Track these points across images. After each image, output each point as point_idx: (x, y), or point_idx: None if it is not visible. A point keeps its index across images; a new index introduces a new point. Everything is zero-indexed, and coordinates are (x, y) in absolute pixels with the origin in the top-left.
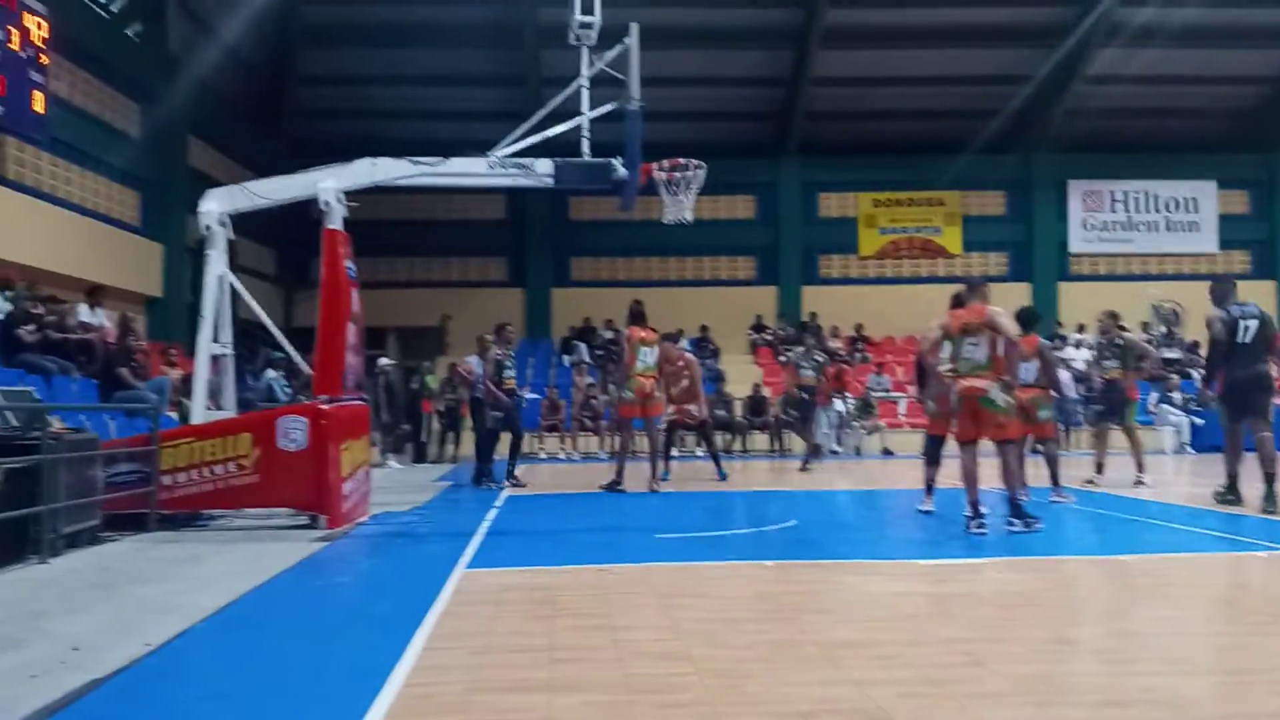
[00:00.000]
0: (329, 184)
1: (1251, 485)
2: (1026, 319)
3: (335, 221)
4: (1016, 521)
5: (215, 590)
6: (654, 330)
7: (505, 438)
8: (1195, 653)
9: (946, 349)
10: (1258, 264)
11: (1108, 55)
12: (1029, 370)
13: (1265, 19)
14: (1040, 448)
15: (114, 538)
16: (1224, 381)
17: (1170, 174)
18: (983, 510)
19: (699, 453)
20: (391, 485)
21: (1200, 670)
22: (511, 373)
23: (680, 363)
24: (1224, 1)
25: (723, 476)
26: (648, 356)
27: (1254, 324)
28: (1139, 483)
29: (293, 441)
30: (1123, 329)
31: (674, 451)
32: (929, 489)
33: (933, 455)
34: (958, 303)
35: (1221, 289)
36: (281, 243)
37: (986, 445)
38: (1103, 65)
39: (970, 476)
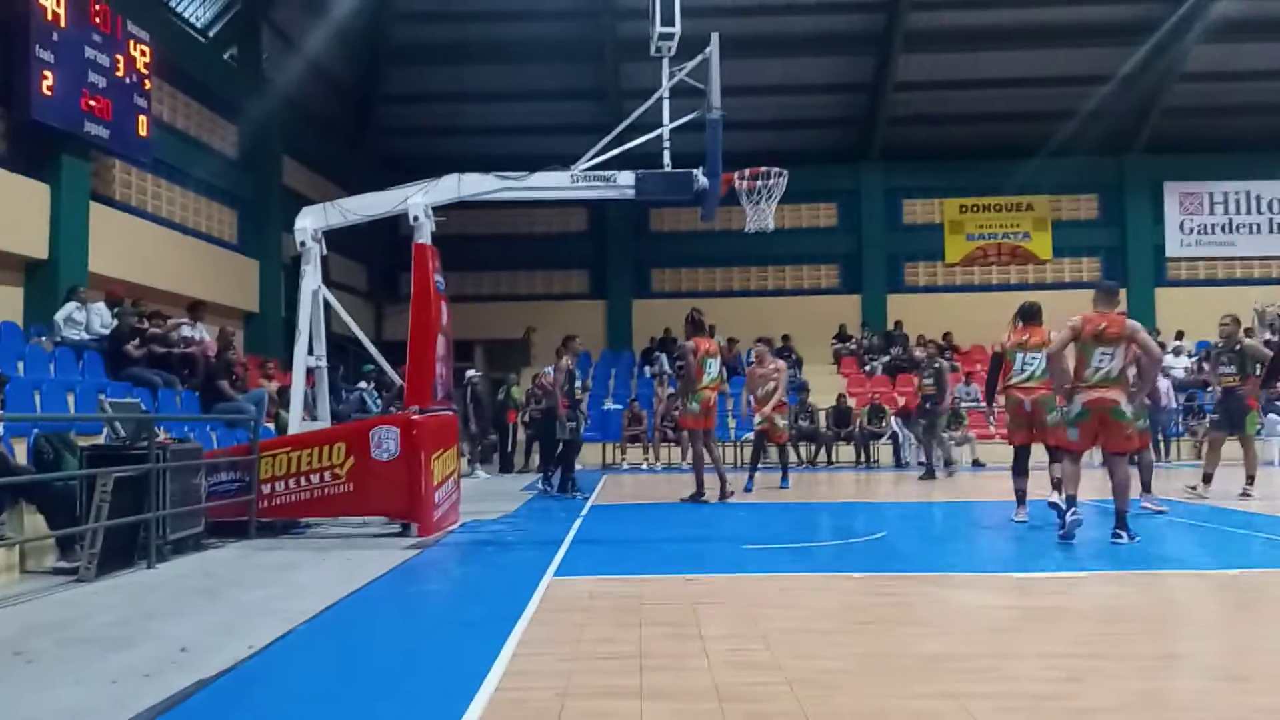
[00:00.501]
0: (418, 199)
1: None
2: None
3: (424, 236)
4: (1123, 534)
5: (314, 595)
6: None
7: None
8: None
9: (1018, 359)
10: None
11: (1202, 51)
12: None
13: None
14: (1135, 456)
15: (217, 544)
16: None
17: (1272, 173)
18: (1076, 504)
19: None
20: (479, 494)
21: None
22: (579, 383)
23: (771, 366)
24: None
25: (784, 485)
26: (713, 368)
27: None
28: (1245, 494)
29: (385, 451)
30: (1248, 331)
31: (759, 463)
32: (1021, 499)
33: (1021, 466)
34: (1026, 315)
35: None
36: (372, 258)
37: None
38: (1197, 62)
39: (1074, 477)
